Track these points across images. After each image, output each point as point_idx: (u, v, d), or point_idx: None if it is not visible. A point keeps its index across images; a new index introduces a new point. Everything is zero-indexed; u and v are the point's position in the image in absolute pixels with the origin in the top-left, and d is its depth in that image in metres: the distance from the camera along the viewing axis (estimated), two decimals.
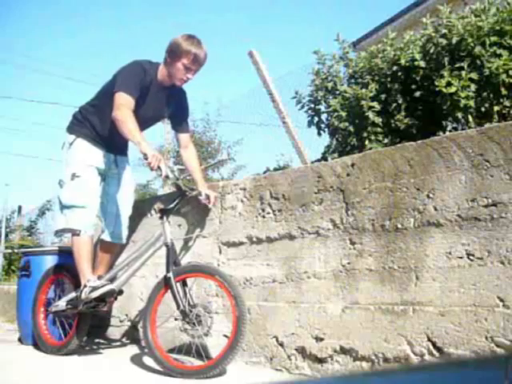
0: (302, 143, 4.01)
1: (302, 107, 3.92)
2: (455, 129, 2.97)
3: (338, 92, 3.63)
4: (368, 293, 2.56)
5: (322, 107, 3.86)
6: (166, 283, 2.98)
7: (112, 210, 3.51)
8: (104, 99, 3.24)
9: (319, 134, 3.94)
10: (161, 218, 3.19)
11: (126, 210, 3.55)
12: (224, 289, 2.81)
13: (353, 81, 3.68)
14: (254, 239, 3.13)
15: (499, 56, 2.90)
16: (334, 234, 2.75)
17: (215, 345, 3.24)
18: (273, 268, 3.01)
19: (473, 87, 2.89)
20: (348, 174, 2.74)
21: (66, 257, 4.12)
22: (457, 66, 2.97)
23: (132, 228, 4.15)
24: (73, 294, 3.38)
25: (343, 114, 3.48)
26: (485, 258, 2.20)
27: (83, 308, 3.20)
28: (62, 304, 3.42)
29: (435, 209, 2.38)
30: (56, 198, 3.51)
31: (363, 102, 3.32)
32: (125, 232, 3.58)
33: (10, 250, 9.80)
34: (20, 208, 11.18)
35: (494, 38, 2.93)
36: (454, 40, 2.99)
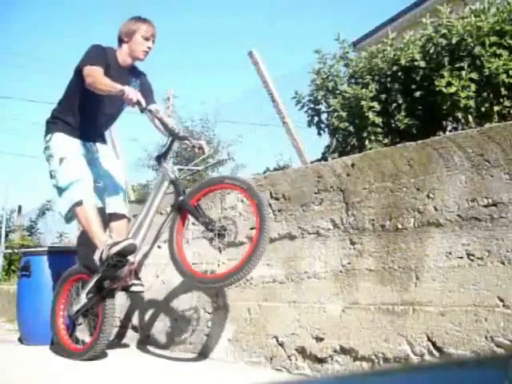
0: (302, 143, 4.00)
1: (302, 107, 3.92)
2: (455, 129, 2.97)
3: (338, 92, 3.63)
4: (368, 293, 2.56)
5: (322, 107, 3.86)
6: (181, 208, 3.03)
7: (106, 186, 3.51)
8: (70, 94, 3.41)
9: (319, 134, 3.94)
10: (159, 163, 3.24)
11: (119, 183, 3.56)
12: (236, 189, 2.88)
13: (353, 81, 3.68)
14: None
15: (499, 56, 2.90)
16: (333, 233, 2.75)
17: (216, 345, 3.25)
18: (273, 268, 3.01)
19: (473, 87, 2.89)
20: (348, 174, 2.74)
21: (66, 257, 4.13)
22: (457, 66, 2.97)
23: None
24: (91, 284, 3.27)
25: (343, 114, 3.48)
26: (485, 258, 2.20)
27: (105, 270, 3.11)
28: (82, 298, 3.31)
29: (435, 209, 2.38)
30: (54, 195, 3.52)
31: (363, 102, 3.32)
32: (125, 202, 3.58)
33: (10, 250, 9.80)
34: (20, 208, 11.18)
35: (493, 38, 2.93)
36: (454, 40, 2.99)
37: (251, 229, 3.15)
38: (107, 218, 3.50)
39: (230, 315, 3.20)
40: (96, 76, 3.11)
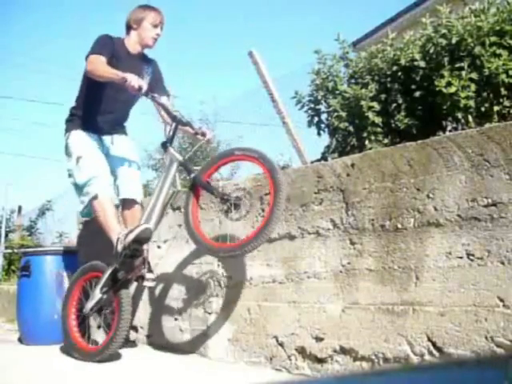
0: (302, 143, 4.00)
1: (302, 107, 3.92)
2: (455, 129, 2.97)
3: (338, 92, 3.63)
4: (368, 293, 2.56)
5: (322, 107, 3.86)
6: (195, 185, 3.07)
7: (120, 174, 3.55)
8: (83, 88, 3.47)
9: (319, 134, 3.94)
10: (165, 148, 3.27)
11: (135, 172, 3.60)
12: (247, 158, 2.90)
13: (353, 81, 3.68)
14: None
15: (499, 56, 2.90)
16: (333, 233, 2.75)
17: (216, 345, 3.25)
18: (273, 268, 3.01)
19: (473, 87, 2.89)
20: (348, 174, 2.74)
21: (66, 257, 4.13)
22: (457, 66, 2.97)
23: None
24: (104, 277, 3.23)
25: (343, 114, 3.48)
26: (485, 257, 2.20)
27: (122, 262, 3.11)
28: (96, 294, 3.25)
29: (435, 209, 2.38)
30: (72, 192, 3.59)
31: (363, 102, 3.32)
32: (139, 188, 3.62)
33: (9, 250, 9.80)
34: (20, 208, 11.17)
35: (493, 38, 2.93)
36: (454, 40, 2.99)
37: (252, 228, 3.15)
38: (120, 205, 3.55)
39: (230, 315, 3.20)
40: (96, 63, 3.15)
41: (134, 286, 3.95)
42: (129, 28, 3.42)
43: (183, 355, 3.35)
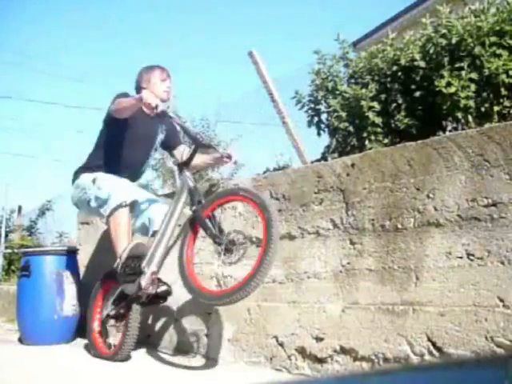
0: (302, 143, 4.00)
1: (302, 107, 3.92)
2: (455, 129, 2.97)
3: (338, 92, 3.62)
4: (368, 293, 2.56)
5: (322, 107, 3.85)
6: (193, 219, 2.97)
7: (152, 208, 3.47)
8: (100, 144, 3.52)
9: (319, 134, 3.94)
10: (180, 170, 3.22)
11: (162, 206, 3.47)
12: (250, 202, 2.81)
13: (353, 81, 3.68)
14: (254, 239, 3.13)
15: (499, 56, 2.90)
16: (333, 234, 2.75)
17: (216, 345, 3.25)
18: (273, 268, 3.01)
19: (473, 87, 2.89)
20: (348, 174, 2.74)
21: (66, 257, 4.13)
22: (457, 66, 2.97)
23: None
24: (116, 293, 3.28)
25: (343, 114, 3.48)
26: (485, 257, 2.20)
27: (124, 280, 3.10)
28: (109, 304, 3.34)
29: (435, 209, 2.38)
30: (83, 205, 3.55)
31: (363, 102, 3.32)
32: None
33: (9, 250, 9.79)
34: (20, 208, 11.17)
35: (493, 38, 2.93)
36: (454, 40, 2.99)
37: (252, 228, 3.15)
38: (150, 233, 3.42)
39: (230, 315, 3.20)
40: (118, 102, 3.24)
41: None
42: (139, 89, 3.46)
43: (183, 355, 3.36)
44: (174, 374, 2.91)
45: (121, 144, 3.43)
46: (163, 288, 3.17)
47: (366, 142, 3.34)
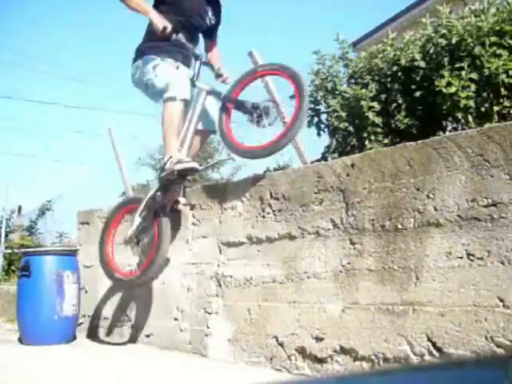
0: (302, 143, 4.00)
1: None
2: (455, 129, 2.97)
3: (337, 92, 3.62)
4: (368, 293, 2.56)
5: (322, 107, 3.85)
6: (225, 104, 3.37)
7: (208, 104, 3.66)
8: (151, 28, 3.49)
9: (319, 134, 3.94)
10: (193, 83, 3.46)
11: (214, 102, 3.68)
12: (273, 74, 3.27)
13: (353, 81, 3.68)
14: (254, 239, 3.13)
15: (499, 56, 2.90)
16: (333, 234, 2.75)
17: (216, 345, 3.25)
18: (273, 268, 3.01)
19: (473, 87, 2.89)
20: (348, 174, 2.74)
21: (66, 257, 4.13)
22: (457, 66, 2.97)
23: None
24: (144, 202, 3.45)
25: (343, 114, 3.48)
26: (485, 257, 2.20)
27: (163, 178, 3.35)
28: (136, 219, 3.47)
29: (435, 209, 2.38)
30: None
31: (363, 102, 3.32)
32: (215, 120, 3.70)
33: (10, 250, 9.79)
34: (20, 208, 11.18)
35: (493, 38, 2.93)
36: (454, 40, 2.99)
37: (252, 228, 3.15)
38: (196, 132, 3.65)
39: (230, 315, 3.20)
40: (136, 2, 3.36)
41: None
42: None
43: (183, 355, 3.35)
44: (174, 374, 2.90)
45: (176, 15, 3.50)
46: (183, 200, 3.48)
47: (366, 142, 3.34)
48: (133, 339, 3.90)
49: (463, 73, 2.91)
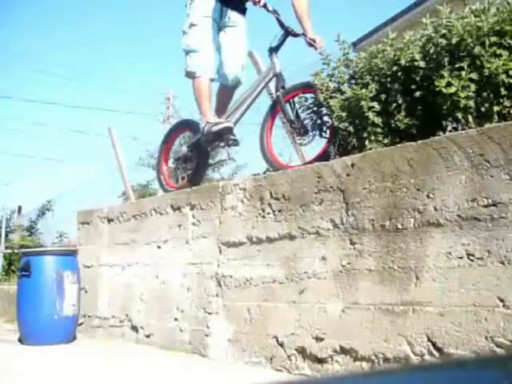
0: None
1: (307, 109, 3.91)
2: (455, 129, 2.97)
3: (340, 93, 3.61)
4: (368, 293, 2.56)
5: (324, 109, 3.84)
6: (275, 104, 3.50)
7: (227, 57, 3.82)
8: None
9: (321, 135, 3.93)
10: (270, 54, 3.60)
11: (240, 57, 3.87)
12: None
13: (353, 81, 3.67)
14: (254, 239, 3.14)
15: (499, 56, 2.89)
16: (333, 234, 2.75)
17: (216, 345, 3.25)
18: (273, 268, 3.01)
19: (473, 87, 2.89)
20: (348, 174, 2.74)
21: (66, 257, 4.13)
22: (457, 66, 2.96)
23: (133, 228, 4.16)
24: (193, 140, 3.93)
25: (343, 114, 3.47)
26: (485, 258, 2.20)
27: (203, 140, 3.70)
28: (183, 149, 4.05)
29: (435, 209, 2.38)
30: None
31: (363, 103, 3.31)
32: (241, 75, 3.88)
33: (10, 250, 9.79)
34: (20, 208, 11.17)
35: (493, 39, 2.92)
36: (454, 40, 2.98)
37: (252, 228, 3.15)
38: (219, 88, 3.92)
39: (229, 315, 3.20)
40: None
41: (134, 287, 3.95)
42: None
43: (183, 355, 3.36)
44: (174, 374, 2.91)
45: None
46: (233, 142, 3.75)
47: (366, 142, 3.33)
48: (133, 339, 3.90)
49: (463, 73, 2.90)
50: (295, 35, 3.62)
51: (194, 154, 3.94)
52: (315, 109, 3.84)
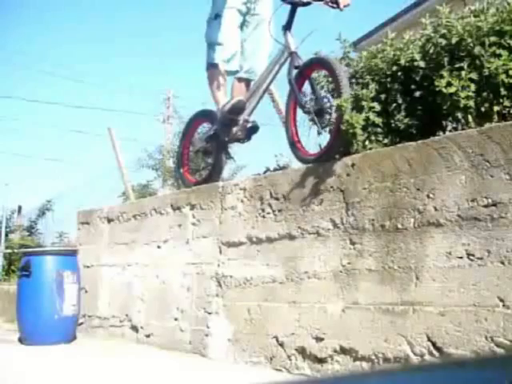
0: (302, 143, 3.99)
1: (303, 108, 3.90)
2: (455, 129, 2.97)
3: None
4: (368, 293, 2.56)
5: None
6: (298, 76, 3.21)
7: (249, 49, 3.75)
8: None
9: (319, 133, 3.93)
10: (284, 32, 3.39)
11: (263, 49, 3.77)
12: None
13: (353, 81, 3.67)
14: (254, 239, 3.14)
15: (499, 56, 2.89)
16: (334, 233, 2.75)
17: (216, 345, 3.25)
18: (273, 268, 3.01)
19: (473, 87, 2.89)
20: (348, 174, 2.74)
21: (66, 257, 4.13)
22: (456, 66, 2.96)
23: (133, 228, 4.17)
24: (210, 132, 3.76)
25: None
26: (485, 258, 2.20)
27: (220, 127, 3.60)
28: (202, 140, 3.90)
29: (435, 209, 2.38)
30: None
31: (363, 103, 3.31)
32: (261, 69, 3.72)
33: (10, 250, 9.79)
34: (20, 208, 11.17)
35: (493, 38, 2.92)
36: (454, 40, 2.98)
37: (252, 228, 3.15)
38: (235, 81, 3.79)
39: (230, 315, 3.20)
40: None
41: (135, 286, 3.95)
42: None
43: (183, 355, 3.36)
44: (174, 374, 2.91)
45: None
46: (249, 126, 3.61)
47: (366, 142, 3.33)
48: (133, 339, 3.90)
49: (463, 73, 2.90)
50: (304, 4, 3.35)
51: (212, 146, 3.81)
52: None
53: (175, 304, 3.59)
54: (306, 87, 3.24)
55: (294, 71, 3.20)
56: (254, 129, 3.62)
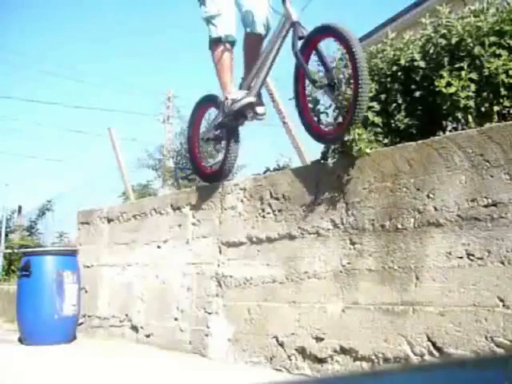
0: (302, 143, 4.00)
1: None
2: (455, 129, 2.97)
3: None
4: (368, 293, 2.56)
5: (322, 108, 3.84)
6: (305, 46, 3.01)
7: (253, 4, 3.48)
8: None
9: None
10: (283, 2, 3.17)
11: (261, 3, 3.51)
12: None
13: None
14: (254, 239, 3.14)
15: (499, 56, 2.89)
16: (333, 233, 2.75)
17: (216, 345, 3.25)
18: (273, 268, 3.01)
19: (473, 87, 2.89)
20: (348, 174, 2.74)
21: (66, 257, 4.13)
22: (456, 66, 2.97)
23: (133, 228, 4.17)
24: (219, 119, 3.51)
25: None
26: (485, 258, 2.20)
27: (225, 120, 3.40)
28: (211, 128, 3.62)
29: (435, 209, 2.38)
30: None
31: None
32: (270, 20, 3.53)
33: (10, 250, 9.79)
34: (20, 208, 11.17)
35: (493, 38, 2.92)
36: (454, 40, 2.99)
37: (252, 228, 3.15)
38: (244, 37, 3.55)
39: (230, 315, 3.20)
40: None
41: (135, 286, 3.95)
42: None
43: (183, 355, 3.36)
44: (174, 374, 2.91)
45: None
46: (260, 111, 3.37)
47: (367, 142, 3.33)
48: (133, 339, 3.90)
49: (463, 73, 2.90)
50: None
51: (222, 133, 3.56)
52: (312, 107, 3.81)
53: (175, 304, 3.59)
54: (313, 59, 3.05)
55: (299, 42, 2.99)
56: (261, 116, 3.43)
